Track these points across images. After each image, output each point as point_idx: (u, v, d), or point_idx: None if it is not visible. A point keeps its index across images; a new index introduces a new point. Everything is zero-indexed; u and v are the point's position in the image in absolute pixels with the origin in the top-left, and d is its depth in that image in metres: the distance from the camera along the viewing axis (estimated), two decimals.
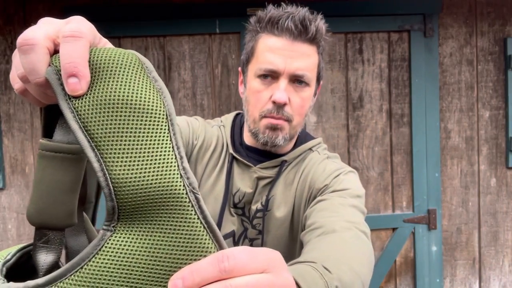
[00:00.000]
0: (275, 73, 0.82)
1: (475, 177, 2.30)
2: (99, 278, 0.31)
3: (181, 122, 0.91)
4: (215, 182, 0.89)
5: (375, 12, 2.18)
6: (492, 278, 2.35)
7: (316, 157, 0.90)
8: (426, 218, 2.26)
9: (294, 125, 0.86)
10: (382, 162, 2.26)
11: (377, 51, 2.22)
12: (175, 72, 2.17)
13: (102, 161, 0.31)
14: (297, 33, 0.80)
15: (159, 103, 0.33)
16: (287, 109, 0.83)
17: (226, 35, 2.17)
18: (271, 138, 0.84)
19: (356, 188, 0.83)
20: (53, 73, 0.32)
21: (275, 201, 0.87)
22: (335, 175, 0.84)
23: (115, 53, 0.33)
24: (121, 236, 0.31)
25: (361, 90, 2.23)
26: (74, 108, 0.31)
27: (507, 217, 2.32)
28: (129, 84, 0.32)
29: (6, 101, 2.14)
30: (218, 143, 0.92)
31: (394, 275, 2.31)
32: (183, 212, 0.32)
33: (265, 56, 0.82)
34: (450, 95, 2.26)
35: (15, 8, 2.12)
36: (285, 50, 0.81)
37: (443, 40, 2.24)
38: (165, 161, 0.32)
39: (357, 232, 0.70)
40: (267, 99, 0.83)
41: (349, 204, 0.77)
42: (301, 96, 0.84)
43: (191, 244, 0.32)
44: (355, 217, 0.74)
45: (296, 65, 0.81)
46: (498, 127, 2.28)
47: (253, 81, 0.85)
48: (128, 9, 2.10)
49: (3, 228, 2.17)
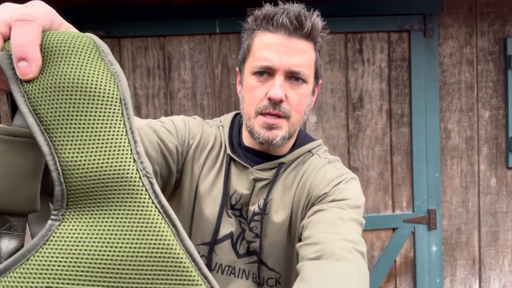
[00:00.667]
0: (271, 70, 0.80)
1: (475, 177, 2.30)
2: (45, 270, 0.30)
3: (179, 121, 0.90)
4: (213, 183, 0.88)
5: (375, 12, 2.18)
6: (492, 278, 2.35)
7: (317, 161, 0.88)
8: (426, 218, 2.26)
9: (292, 122, 0.83)
10: (382, 162, 2.26)
11: (377, 51, 2.23)
12: (175, 72, 2.17)
13: (51, 145, 0.30)
14: (292, 29, 0.79)
15: (112, 86, 0.32)
16: (284, 105, 0.81)
17: (226, 35, 2.17)
18: (268, 138, 0.82)
19: (356, 198, 0.80)
20: (5, 57, 0.32)
21: (273, 205, 0.85)
22: (335, 183, 0.81)
23: (69, 37, 0.33)
24: (70, 225, 0.31)
25: (361, 90, 2.23)
26: (25, 92, 0.31)
27: (507, 217, 2.32)
28: (80, 67, 0.32)
29: (6, 101, 2.14)
30: (215, 143, 0.90)
31: (394, 275, 2.31)
32: (136, 196, 0.31)
33: (260, 53, 0.81)
34: (450, 95, 2.26)
35: None
36: (281, 46, 0.79)
37: (443, 40, 2.24)
38: (117, 145, 0.31)
39: (356, 259, 0.67)
40: (263, 96, 0.81)
41: (349, 218, 0.74)
42: (298, 92, 0.82)
43: (145, 228, 0.31)
44: (354, 235, 0.72)
45: (292, 61, 0.79)
46: (498, 127, 2.28)
47: (249, 78, 0.83)
48: (128, 9, 2.10)
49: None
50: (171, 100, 2.18)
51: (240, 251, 0.88)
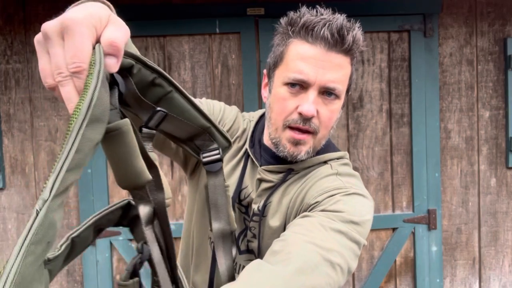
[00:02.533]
0: (305, 83, 0.76)
1: (475, 177, 2.30)
2: None
3: (216, 105, 0.92)
4: (229, 173, 0.89)
5: (375, 12, 2.18)
6: (492, 278, 2.35)
7: (325, 171, 0.83)
8: (426, 218, 2.26)
9: (319, 138, 0.81)
10: (382, 162, 2.26)
11: (377, 51, 2.22)
12: (175, 72, 2.17)
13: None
14: (332, 43, 0.74)
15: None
16: (315, 121, 0.78)
17: (226, 35, 2.17)
18: (293, 153, 0.80)
19: (354, 213, 0.71)
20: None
21: (271, 209, 0.84)
22: (331, 194, 0.74)
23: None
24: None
25: (361, 90, 2.23)
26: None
27: (507, 217, 2.32)
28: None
29: (6, 101, 2.14)
30: (242, 135, 0.91)
31: (394, 275, 2.31)
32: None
33: (295, 64, 0.77)
34: (450, 95, 2.26)
35: (15, 8, 2.12)
36: (318, 60, 0.75)
37: (443, 40, 2.24)
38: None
39: (319, 262, 0.60)
40: (293, 109, 0.78)
41: (332, 228, 0.66)
42: (330, 108, 0.78)
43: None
44: (333, 244, 0.64)
45: (328, 77, 0.75)
46: (498, 127, 2.28)
47: (280, 88, 0.80)
48: (128, 9, 2.10)
49: (3, 228, 2.17)
50: None
51: (241, 247, 0.88)
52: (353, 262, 0.67)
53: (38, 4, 2.11)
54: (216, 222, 0.58)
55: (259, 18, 2.15)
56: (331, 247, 0.64)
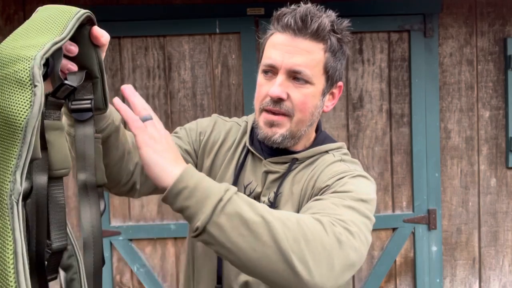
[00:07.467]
0: (274, 68, 0.82)
1: (475, 177, 2.30)
2: None
3: (191, 125, 0.98)
4: (222, 175, 0.92)
5: (375, 12, 2.18)
6: (492, 278, 2.35)
7: (329, 159, 0.87)
8: (426, 218, 2.26)
9: (295, 122, 0.84)
10: (382, 162, 2.26)
11: (377, 51, 2.23)
12: (175, 72, 2.17)
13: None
14: (297, 29, 0.80)
15: (20, 114, 0.37)
16: (287, 103, 0.82)
17: (226, 35, 2.17)
18: (267, 134, 0.84)
19: (361, 192, 0.76)
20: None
21: (282, 199, 0.87)
22: (340, 177, 0.79)
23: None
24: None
25: (361, 90, 2.23)
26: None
27: (507, 217, 2.32)
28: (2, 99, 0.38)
29: None
30: (227, 137, 0.95)
31: (394, 275, 2.31)
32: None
33: (268, 51, 0.84)
34: (450, 95, 2.26)
35: (15, 8, 2.12)
36: (285, 46, 0.81)
37: (443, 40, 2.24)
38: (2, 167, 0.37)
39: (335, 227, 0.64)
40: (266, 93, 0.84)
41: (346, 205, 0.71)
42: (302, 92, 0.82)
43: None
44: (347, 216, 0.69)
45: (293, 60, 0.80)
46: (498, 127, 2.28)
47: (259, 76, 0.87)
48: (128, 9, 2.10)
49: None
50: (171, 100, 2.18)
51: None
52: (369, 235, 0.71)
53: (38, 4, 2.11)
54: (81, 173, 0.55)
55: (259, 18, 2.15)
56: (348, 218, 0.68)
